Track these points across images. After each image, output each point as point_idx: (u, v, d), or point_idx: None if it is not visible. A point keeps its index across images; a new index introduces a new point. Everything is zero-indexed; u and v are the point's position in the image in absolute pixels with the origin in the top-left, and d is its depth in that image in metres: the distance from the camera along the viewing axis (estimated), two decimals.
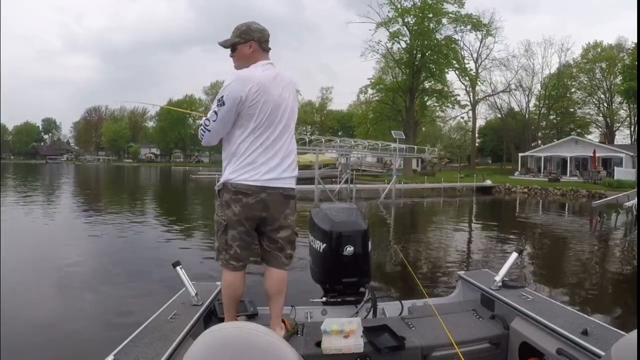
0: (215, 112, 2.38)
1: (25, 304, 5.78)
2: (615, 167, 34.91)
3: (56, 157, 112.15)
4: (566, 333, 2.15)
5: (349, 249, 2.99)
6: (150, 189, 33.07)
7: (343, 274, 3.07)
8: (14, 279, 6.79)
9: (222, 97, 2.35)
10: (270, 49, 2.56)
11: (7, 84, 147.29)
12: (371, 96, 51.88)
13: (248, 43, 2.48)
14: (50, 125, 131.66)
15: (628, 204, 17.85)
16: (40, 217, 14.40)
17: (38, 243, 10.06)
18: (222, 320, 2.72)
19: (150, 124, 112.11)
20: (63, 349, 4.41)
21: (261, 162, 2.41)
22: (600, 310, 6.00)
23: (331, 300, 3.13)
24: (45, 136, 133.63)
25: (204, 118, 2.46)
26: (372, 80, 51.12)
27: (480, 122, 63.66)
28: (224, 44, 2.52)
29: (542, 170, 42.03)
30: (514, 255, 3.03)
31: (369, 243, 3.13)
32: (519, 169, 44.33)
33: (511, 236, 13.30)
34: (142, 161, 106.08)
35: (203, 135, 2.47)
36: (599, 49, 54.73)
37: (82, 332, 4.84)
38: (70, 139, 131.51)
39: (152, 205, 21.21)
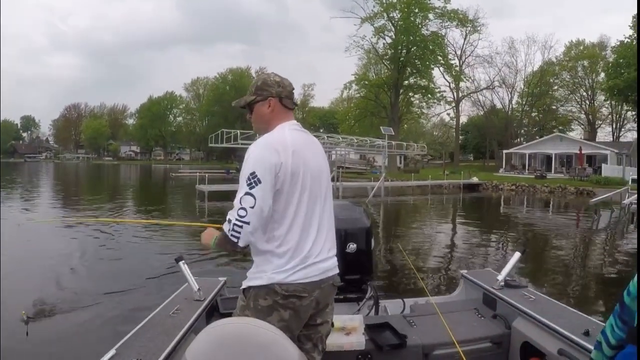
0: (252, 195, 1.75)
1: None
2: (603, 164, 35.36)
3: (35, 155, 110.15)
4: (568, 333, 2.16)
5: (352, 246, 2.98)
6: (131, 187, 32.88)
7: (345, 271, 3.00)
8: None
9: (253, 172, 1.77)
10: (296, 105, 2.11)
11: None
12: (355, 92, 51.96)
13: (267, 101, 1.98)
14: (29, 123, 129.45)
15: (625, 201, 18.19)
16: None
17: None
18: (224, 315, 2.71)
19: (130, 121, 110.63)
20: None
21: (315, 250, 1.91)
22: (600, 309, 6.01)
23: None
24: (24, 134, 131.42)
25: (234, 212, 1.78)
26: (357, 76, 51.18)
27: (462, 119, 64.20)
28: (238, 104, 2.08)
29: (526, 167, 42.46)
30: (517, 254, 3.04)
31: (372, 240, 3.12)
32: (504, 166, 44.78)
33: (510, 233, 13.51)
34: (122, 159, 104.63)
35: (239, 234, 1.76)
36: (581, 47, 55.54)
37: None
38: (49, 137, 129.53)
39: (141, 202, 20.99)
